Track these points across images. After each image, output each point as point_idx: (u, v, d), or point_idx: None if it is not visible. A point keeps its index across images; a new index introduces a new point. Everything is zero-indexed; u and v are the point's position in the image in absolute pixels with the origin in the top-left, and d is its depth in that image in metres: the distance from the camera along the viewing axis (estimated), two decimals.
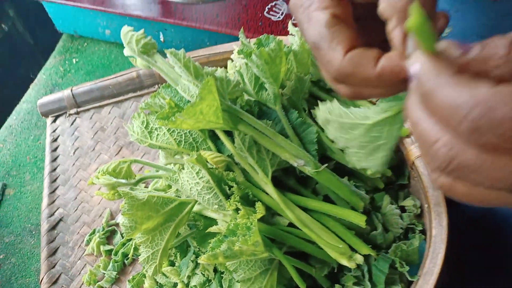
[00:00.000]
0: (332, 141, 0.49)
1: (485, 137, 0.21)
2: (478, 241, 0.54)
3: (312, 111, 0.51)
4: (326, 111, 0.36)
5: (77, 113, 0.83)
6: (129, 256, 0.62)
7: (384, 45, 0.30)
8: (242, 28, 0.60)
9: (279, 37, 0.53)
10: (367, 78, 0.29)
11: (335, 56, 0.30)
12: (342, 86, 0.33)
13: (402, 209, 0.56)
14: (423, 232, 0.54)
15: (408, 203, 0.56)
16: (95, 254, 0.64)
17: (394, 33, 0.28)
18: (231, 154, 0.49)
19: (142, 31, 0.52)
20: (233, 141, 0.48)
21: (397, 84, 0.28)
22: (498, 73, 0.22)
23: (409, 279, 0.49)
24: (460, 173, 0.23)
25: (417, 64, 0.24)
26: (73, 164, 0.76)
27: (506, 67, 0.22)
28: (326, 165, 0.47)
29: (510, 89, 0.21)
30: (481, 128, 0.21)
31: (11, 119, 0.90)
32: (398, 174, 0.58)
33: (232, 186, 0.46)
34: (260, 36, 0.55)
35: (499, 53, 0.22)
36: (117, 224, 0.67)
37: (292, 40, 0.59)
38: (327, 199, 0.52)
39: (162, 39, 0.91)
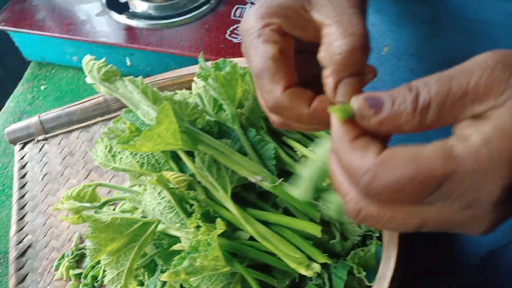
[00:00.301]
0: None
1: (378, 197, 0.25)
2: (429, 243, 0.57)
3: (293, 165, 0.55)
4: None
5: (46, 139, 0.83)
6: (98, 278, 0.62)
7: (317, 79, 0.34)
8: (202, 52, 0.62)
9: (235, 60, 0.55)
10: (300, 115, 0.33)
11: (275, 89, 0.33)
12: (274, 116, 0.36)
13: None
14: (381, 238, 0.56)
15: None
16: (64, 279, 0.64)
17: (327, 80, 0.31)
18: (193, 173, 0.51)
19: (103, 59, 0.54)
20: (194, 161, 0.50)
21: (327, 123, 0.30)
22: (409, 128, 0.25)
23: (367, 284, 0.51)
24: (368, 222, 0.27)
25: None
26: (42, 190, 0.76)
27: (414, 122, 0.25)
28: (282, 179, 0.49)
29: (391, 156, 0.24)
30: (372, 190, 0.25)
31: None
32: None
33: (193, 205, 0.47)
34: (218, 60, 0.57)
35: (407, 109, 0.24)
36: (86, 248, 0.67)
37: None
38: (287, 212, 0.53)
39: (129, 64, 0.93)
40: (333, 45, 0.31)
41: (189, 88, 0.72)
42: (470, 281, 0.56)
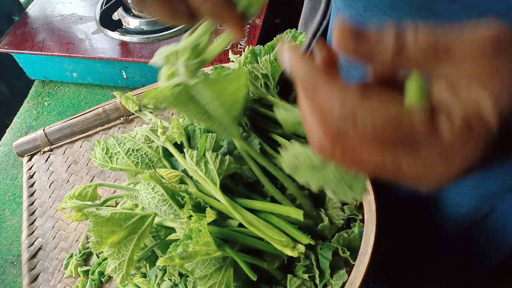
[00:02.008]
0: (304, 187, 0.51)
1: (357, 131, 0.23)
2: (410, 219, 0.58)
3: (278, 158, 0.53)
4: (292, 157, 0.34)
5: (51, 150, 0.84)
6: (105, 274, 0.64)
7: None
8: None
9: (224, 64, 0.57)
10: None
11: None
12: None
13: (345, 203, 0.59)
14: (363, 221, 0.57)
15: None
16: (73, 276, 0.65)
17: None
18: (185, 169, 0.52)
19: None
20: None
21: None
22: (381, 58, 0.23)
23: (352, 262, 0.52)
24: (342, 159, 0.25)
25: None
26: (50, 196, 0.78)
27: (390, 52, 0.22)
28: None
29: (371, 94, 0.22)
30: (353, 125, 0.22)
31: None
32: None
33: (184, 197, 0.48)
34: (217, 66, 0.59)
35: (388, 38, 0.22)
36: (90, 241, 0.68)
37: (233, 65, 0.63)
38: (274, 200, 0.55)
39: (125, 76, 0.95)
40: None
41: None
42: (455, 254, 0.56)
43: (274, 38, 0.65)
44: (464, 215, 0.51)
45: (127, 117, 0.83)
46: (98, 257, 0.66)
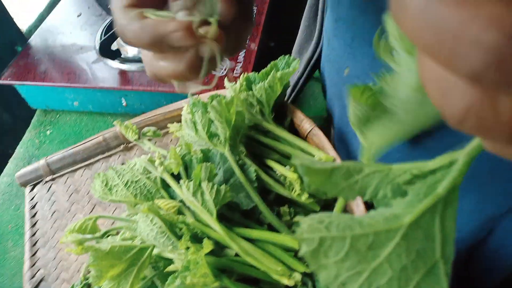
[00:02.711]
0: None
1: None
2: None
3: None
4: (318, 227, 0.18)
5: (53, 179, 0.85)
6: None
7: None
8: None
9: (219, 91, 0.58)
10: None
11: (116, 11, 0.29)
12: (144, 57, 0.32)
13: None
14: None
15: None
16: None
17: None
18: (182, 199, 0.53)
19: None
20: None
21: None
22: None
23: None
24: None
25: None
26: (51, 226, 0.78)
27: None
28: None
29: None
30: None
31: None
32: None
33: (182, 228, 0.49)
34: (212, 94, 0.60)
35: None
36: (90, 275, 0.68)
37: (228, 92, 0.64)
38: (271, 227, 0.55)
39: (124, 104, 0.96)
40: None
41: (180, 121, 0.75)
42: (457, 273, 0.56)
43: (269, 65, 0.67)
44: (464, 238, 0.51)
45: (127, 144, 0.84)
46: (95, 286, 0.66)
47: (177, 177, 0.57)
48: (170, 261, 0.52)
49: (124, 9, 0.29)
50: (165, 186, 0.56)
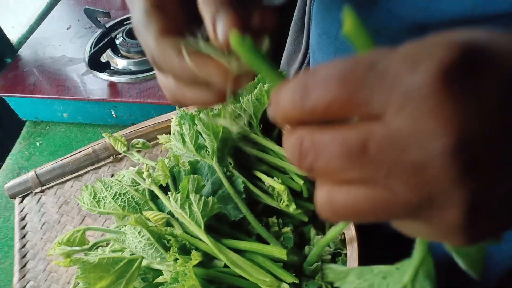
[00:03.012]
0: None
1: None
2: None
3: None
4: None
5: (42, 191, 0.85)
6: None
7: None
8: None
9: None
10: (172, 66, 0.27)
11: (149, 38, 0.28)
12: (160, 76, 0.31)
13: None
14: None
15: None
16: None
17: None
18: (170, 211, 0.53)
19: None
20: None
21: (213, 77, 0.26)
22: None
23: None
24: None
25: None
26: (41, 238, 0.78)
27: None
28: None
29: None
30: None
31: None
32: None
33: (170, 240, 0.49)
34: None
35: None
36: None
37: (217, 106, 0.65)
38: (260, 238, 0.56)
39: (114, 115, 0.96)
40: None
41: (169, 133, 0.76)
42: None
43: (256, 78, 0.68)
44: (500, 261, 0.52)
45: (117, 155, 0.84)
46: None
47: (166, 189, 0.58)
48: (159, 272, 0.53)
49: (158, 38, 0.27)
50: (154, 198, 0.56)
